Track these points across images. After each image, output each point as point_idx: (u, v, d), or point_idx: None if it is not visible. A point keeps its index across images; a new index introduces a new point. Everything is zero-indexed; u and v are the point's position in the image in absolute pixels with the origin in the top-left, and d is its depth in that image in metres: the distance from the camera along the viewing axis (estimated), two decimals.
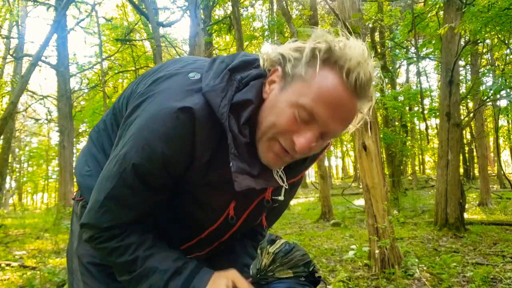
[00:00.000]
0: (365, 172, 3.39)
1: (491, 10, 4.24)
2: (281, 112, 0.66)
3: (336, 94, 0.63)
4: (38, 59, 6.27)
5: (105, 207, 0.71)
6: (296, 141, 0.66)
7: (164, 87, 0.71)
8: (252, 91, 0.68)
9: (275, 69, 0.69)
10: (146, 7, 6.15)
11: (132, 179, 0.68)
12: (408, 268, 3.32)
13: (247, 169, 0.68)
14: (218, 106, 0.65)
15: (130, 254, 0.72)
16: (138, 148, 0.67)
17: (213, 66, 0.71)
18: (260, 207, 0.82)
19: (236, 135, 0.66)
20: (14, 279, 3.71)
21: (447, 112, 5.11)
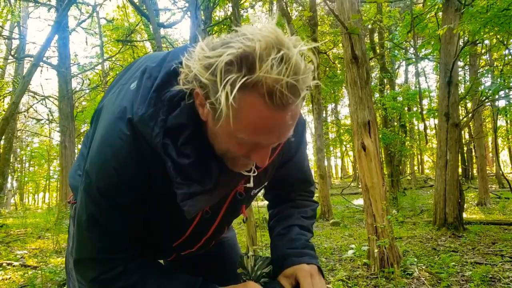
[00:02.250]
0: (364, 172, 3.42)
1: (490, 10, 4.25)
2: (226, 143, 0.63)
3: (268, 121, 0.57)
4: (39, 59, 6.29)
5: (89, 238, 0.72)
6: (255, 160, 0.65)
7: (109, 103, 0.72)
8: (184, 114, 0.64)
9: (196, 93, 0.61)
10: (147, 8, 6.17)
11: (103, 203, 0.69)
12: (407, 267, 3.33)
13: (197, 189, 0.66)
14: (150, 137, 0.63)
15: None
16: (97, 173, 0.68)
17: (141, 84, 0.66)
18: (236, 201, 0.81)
19: (175, 160, 0.63)
20: (16, 278, 3.73)
21: (446, 112, 5.14)
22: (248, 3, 12.31)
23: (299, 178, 0.96)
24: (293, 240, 0.86)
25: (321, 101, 8.59)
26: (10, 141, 10.63)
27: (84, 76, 12.64)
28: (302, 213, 0.94)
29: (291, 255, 0.81)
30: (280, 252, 0.84)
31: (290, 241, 0.86)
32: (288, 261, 0.79)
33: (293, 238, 0.87)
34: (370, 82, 3.63)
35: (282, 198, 0.97)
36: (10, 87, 11.99)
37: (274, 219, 0.95)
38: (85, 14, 11.03)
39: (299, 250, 0.83)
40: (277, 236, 0.90)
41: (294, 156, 0.89)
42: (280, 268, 0.81)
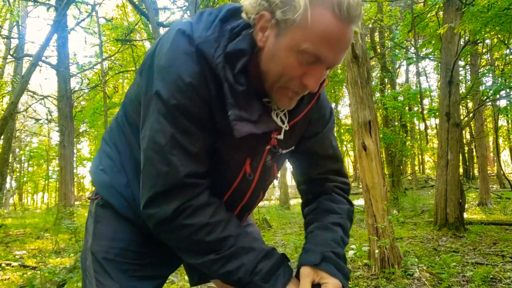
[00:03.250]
0: (365, 172, 3.40)
1: (490, 10, 4.24)
2: (284, 60, 0.66)
3: (335, 31, 0.63)
4: (38, 59, 6.28)
5: (172, 161, 0.68)
6: (307, 83, 0.68)
7: (164, 40, 0.72)
8: (245, 41, 0.68)
9: (262, 15, 0.67)
10: (146, 7, 6.16)
11: (182, 121, 0.68)
12: (407, 268, 3.32)
13: (245, 115, 0.70)
14: (212, 57, 0.67)
15: (221, 231, 0.71)
16: (171, 90, 0.67)
17: (202, 18, 0.72)
18: (271, 158, 0.83)
19: (232, 83, 0.67)
20: (15, 278, 3.72)
21: (447, 112, 5.12)
22: None
23: (329, 155, 0.94)
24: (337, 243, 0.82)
25: None
26: (9, 141, 10.62)
27: (83, 76, 12.62)
28: (342, 210, 0.91)
29: (329, 259, 0.76)
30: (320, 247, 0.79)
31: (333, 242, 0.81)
32: (326, 264, 0.75)
33: (336, 240, 0.82)
34: (370, 81, 3.61)
35: (318, 189, 0.94)
36: (9, 86, 11.98)
37: (313, 213, 0.92)
38: (84, 13, 11.01)
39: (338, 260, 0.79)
40: (320, 228, 0.85)
41: (323, 127, 0.91)
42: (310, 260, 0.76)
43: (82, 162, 20.94)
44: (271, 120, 0.76)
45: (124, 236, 0.80)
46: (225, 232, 0.71)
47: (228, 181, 0.82)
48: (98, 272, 0.84)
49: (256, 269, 0.71)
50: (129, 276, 0.84)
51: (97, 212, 0.89)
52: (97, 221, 0.89)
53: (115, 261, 0.84)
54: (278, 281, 0.72)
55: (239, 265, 0.71)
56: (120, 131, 0.87)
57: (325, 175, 0.94)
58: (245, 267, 0.71)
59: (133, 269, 0.84)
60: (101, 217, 0.88)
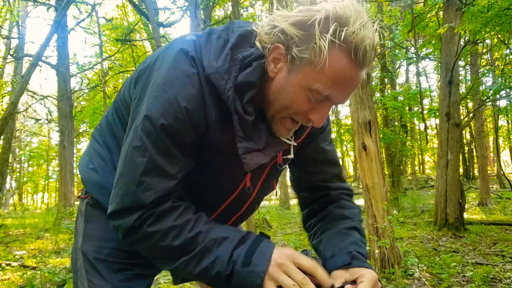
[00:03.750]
0: (365, 172, 3.40)
1: (490, 10, 4.24)
2: (293, 95, 0.67)
3: (348, 75, 0.64)
4: (38, 59, 6.28)
5: (144, 183, 0.67)
6: (313, 118, 0.69)
7: (167, 54, 0.72)
8: (255, 73, 0.69)
9: (276, 47, 0.68)
10: (146, 7, 6.16)
11: (165, 143, 0.67)
12: (407, 268, 3.32)
13: (254, 146, 0.71)
14: (223, 89, 0.67)
15: (190, 231, 0.68)
16: (163, 110, 0.66)
17: (210, 41, 0.70)
18: (272, 173, 0.84)
19: (241, 116, 0.68)
20: (15, 279, 3.72)
21: (447, 112, 5.12)
22: (248, 2, 12.30)
23: (328, 160, 0.93)
24: (359, 245, 0.81)
25: None
26: (9, 141, 10.62)
27: (83, 76, 12.62)
28: (354, 215, 0.90)
29: (358, 257, 0.76)
30: (345, 249, 0.78)
31: (355, 244, 0.80)
32: (357, 261, 0.74)
33: (357, 242, 0.81)
34: (370, 81, 3.61)
35: (325, 199, 0.93)
36: (9, 86, 11.98)
37: (323, 221, 0.90)
38: (84, 13, 11.01)
39: (364, 258, 0.79)
40: (338, 234, 0.83)
41: (320, 133, 0.91)
42: (340, 262, 0.75)
43: None
44: (279, 142, 0.76)
45: (114, 235, 0.77)
46: (194, 231, 0.68)
47: (225, 192, 0.81)
48: (90, 273, 0.83)
49: (232, 257, 0.67)
50: (121, 275, 0.83)
51: (88, 211, 0.88)
52: (87, 221, 0.88)
53: (106, 261, 0.83)
54: (260, 259, 0.66)
55: (214, 259, 0.67)
56: (111, 131, 0.86)
57: (327, 182, 0.93)
58: (220, 258, 0.67)
59: (124, 268, 0.84)
60: (92, 217, 0.87)
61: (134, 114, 0.72)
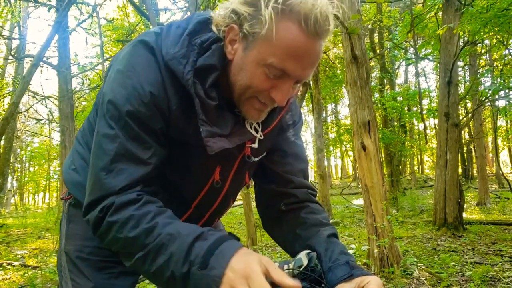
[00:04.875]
0: (364, 172, 3.42)
1: (489, 10, 4.25)
2: (251, 73, 0.66)
3: (301, 45, 0.62)
4: (39, 59, 6.30)
5: (114, 169, 0.65)
6: (275, 96, 0.67)
7: (126, 46, 0.73)
8: (214, 55, 0.68)
9: (231, 27, 0.67)
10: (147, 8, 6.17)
11: (134, 129, 0.66)
12: (407, 267, 3.33)
13: (218, 131, 0.69)
14: (182, 73, 0.66)
15: (147, 222, 0.62)
16: (128, 95, 0.66)
17: (169, 32, 0.70)
18: (242, 166, 0.82)
19: (203, 100, 0.67)
20: (16, 278, 3.73)
21: (446, 112, 5.14)
22: None
23: (295, 152, 0.92)
24: (347, 253, 0.79)
25: (321, 101, 8.59)
26: (10, 141, 10.63)
27: (84, 76, 12.63)
28: (327, 219, 0.88)
29: (355, 266, 0.75)
30: (340, 261, 0.76)
31: (344, 253, 0.78)
32: (357, 270, 0.73)
33: (345, 251, 0.79)
34: (370, 82, 3.63)
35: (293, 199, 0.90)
36: (10, 87, 11.99)
37: (301, 227, 0.86)
38: (85, 14, 11.02)
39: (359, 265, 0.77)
40: (323, 243, 0.80)
41: (292, 128, 0.90)
42: (341, 275, 0.73)
43: None
44: (245, 131, 0.75)
45: None
46: (151, 223, 0.62)
47: (196, 188, 0.80)
48: (73, 272, 0.84)
49: (190, 256, 0.59)
50: (105, 274, 0.83)
51: (70, 212, 0.90)
52: (69, 221, 0.89)
53: (89, 260, 0.84)
54: (218, 261, 0.57)
55: (169, 256, 0.60)
56: (92, 132, 0.83)
57: (291, 175, 0.90)
58: (176, 256, 0.59)
59: (108, 266, 0.84)
60: (74, 217, 0.88)
61: (102, 105, 0.71)
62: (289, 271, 0.71)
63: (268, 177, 0.91)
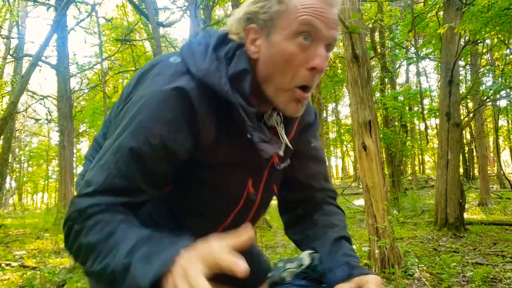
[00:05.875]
0: (365, 172, 3.39)
1: (491, 10, 4.23)
2: (283, 51, 0.66)
3: (317, 6, 0.65)
4: (38, 59, 6.27)
5: (93, 198, 0.63)
6: (314, 62, 0.66)
7: (151, 75, 0.71)
8: (242, 60, 0.69)
9: (250, 28, 0.69)
10: (146, 7, 6.15)
11: (128, 167, 0.63)
12: (408, 268, 3.32)
13: (265, 137, 0.70)
14: (219, 86, 0.66)
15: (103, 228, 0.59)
16: (135, 133, 0.64)
17: (192, 50, 0.70)
18: (271, 174, 0.82)
19: (245, 107, 0.67)
20: (14, 279, 3.72)
21: (447, 112, 5.11)
22: None
23: (313, 155, 0.91)
24: (351, 255, 0.80)
25: (321, 101, 8.57)
26: (8, 141, 10.61)
27: (83, 76, 12.62)
28: (340, 221, 0.88)
29: (356, 266, 0.75)
30: (341, 261, 0.77)
31: (347, 255, 0.79)
32: (357, 270, 0.73)
33: (349, 253, 0.80)
34: (371, 81, 3.61)
35: (310, 203, 0.90)
36: (8, 86, 11.98)
37: (312, 229, 0.87)
38: (84, 13, 11.00)
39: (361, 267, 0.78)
40: (328, 245, 0.81)
41: (309, 129, 0.90)
42: (340, 275, 0.73)
43: (82, 162, 20.93)
44: (277, 138, 0.76)
45: None
46: (108, 228, 0.59)
47: (230, 203, 0.80)
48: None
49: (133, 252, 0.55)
50: None
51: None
52: None
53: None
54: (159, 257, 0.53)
55: (114, 254, 0.56)
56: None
57: (311, 180, 0.90)
58: (120, 251, 0.55)
59: None
60: None
61: (112, 127, 0.71)
62: (291, 270, 0.71)
63: (288, 185, 0.91)
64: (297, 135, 0.85)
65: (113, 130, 0.71)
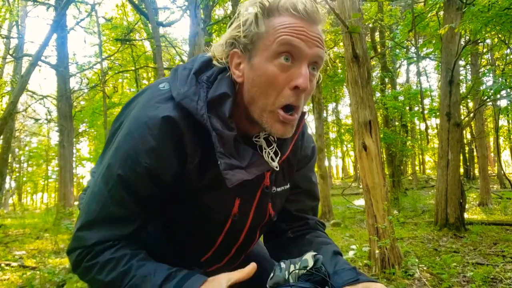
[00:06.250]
0: (365, 172, 3.39)
1: (491, 10, 4.22)
2: (265, 72, 0.66)
3: (297, 26, 0.66)
4: (37, 59, 6.26)
5: (94, 228, 0.69)
6: (296, 83, 0.66)
7: (139, 101, 0.74)
8: (222, 84, 0.70)
9: (233, 53, 0.70)
10: (146, 6, 6.14)
11: (120, 194, 0.67)
12: (408, 268, 3.31)
13: (236, 163, 0.69)
14: (196, 110, 0.67)
15: (123, 265, 0.67)
16: (122, 162, 0.67)
17: (177, 75, 0.72)
18: (264, 197, 0.81)
19: (221, 132, 0.67)
20: (14, 279, 3.71)
21: (447, 112, 5.11)
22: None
23: (309, 190, 0.93)
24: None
25: (321, 101, 8.56)
26: (8, 141, 10.60)
27: (82, 75, 12.61)
28: (332, 243, 0.88)
29: (362, 273, 0.75)
30: (346, 267, 0.77)
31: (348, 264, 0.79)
32: (363, 276, 0.73)
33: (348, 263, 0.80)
34: (371, 81, 3.60)
35: (302, 228, 0.92)
36: (8, 86, 11.98)
37: (309, 246, 0.87)
38: (84, 13, 10.99)
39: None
40: (329, 255, 0.81)
41: (307, 163, 0.91)
42: (347, 278, 0.73)
43: (81, 162, 20.90)
44: (263, 162, 0.74)
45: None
46: (127, 265, 0.67)
47: (218, 225, 0.80)
48: None
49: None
50: None
51: None
52: None
53: None
54: None
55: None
56: None
57: (303, 213, 0.92)
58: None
59: None
60: None
61: (102, 159, 0.74)
62: (295, 272, 0.71)
63: (281, 215, 0.91)
64: (295, 160, 0.85)
65: (106, 154, 0.75)
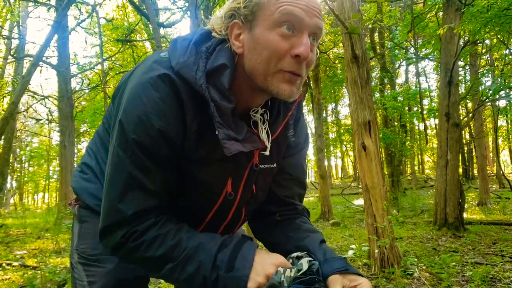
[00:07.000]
0: (365, 172, 3.41)
1: (490, 10, 4.24)
2: (266, 42, 0.67)
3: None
4: (39, 59, 6.28)
5: (126, 198, 0.69)
6: (297, 51, 0.66)
7: (141, 68, 0.74)
8: (222, 55, 0.70)
9: (233, 24, 0.70)
10: (146, 7, 6.16)
11: (140, 158, 0.67)
12: (407, 268, 3.33)
13: (233, 135, 0.69)
14: (194, 79, 0.67)
15: (172, 239, 0.69)
16: (134, 126, 0.67)
17: (176, 45, 0.72)
18: (251, 175, 0.82)
19: (219, 103, 0.67)
20: (15, 278, 3.72)
21: (446, 112, 5.13)
22: None
23: (299, 178, 0.94)
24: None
25: (321, 101, 8.58)
26: (9, 141, 10.62)
27: (83, 76, 12.62)
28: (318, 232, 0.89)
29: (350, 264, 0.77)
30: (336, 256, 0.78)
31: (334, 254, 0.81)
32: (352, 268, 0.75)
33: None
34: (370, 81, 3.62)
35: (290, 212, 0.93)
36: (9, 87, 11.99)
37: (295, 232, 0.88)
38: (85, 14, 11.01)
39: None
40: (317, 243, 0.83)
41: (299, 151, 0.92)
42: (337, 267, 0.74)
43: None
44: (255, 139, 0.75)
45: None
46: (175, 239, 0.69)
47: (209, 201, 0.81)
48: (86, 265, 0.86)
49: (216, 262, 0.67)
50: (119, 261, 0.85)
51: (81, 213, 0.92)
52: (82, 221, 0.91)
53: (102, 255, 0.86)
54: (242, 263, 0.67)
55: (198, 265, 0.67)
56: (101, 144, 0.90)
57: (292, 199, 0.93)
58: (204, 265, 0.67)
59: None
60: (86, 217, 0.91)
61: (112, 131, 0.73)
62: (290, 276, 0.71)
63: (269, 198, 0.92)
64: (284, 141, 0.86)
65: (113, 124, 0.74)
